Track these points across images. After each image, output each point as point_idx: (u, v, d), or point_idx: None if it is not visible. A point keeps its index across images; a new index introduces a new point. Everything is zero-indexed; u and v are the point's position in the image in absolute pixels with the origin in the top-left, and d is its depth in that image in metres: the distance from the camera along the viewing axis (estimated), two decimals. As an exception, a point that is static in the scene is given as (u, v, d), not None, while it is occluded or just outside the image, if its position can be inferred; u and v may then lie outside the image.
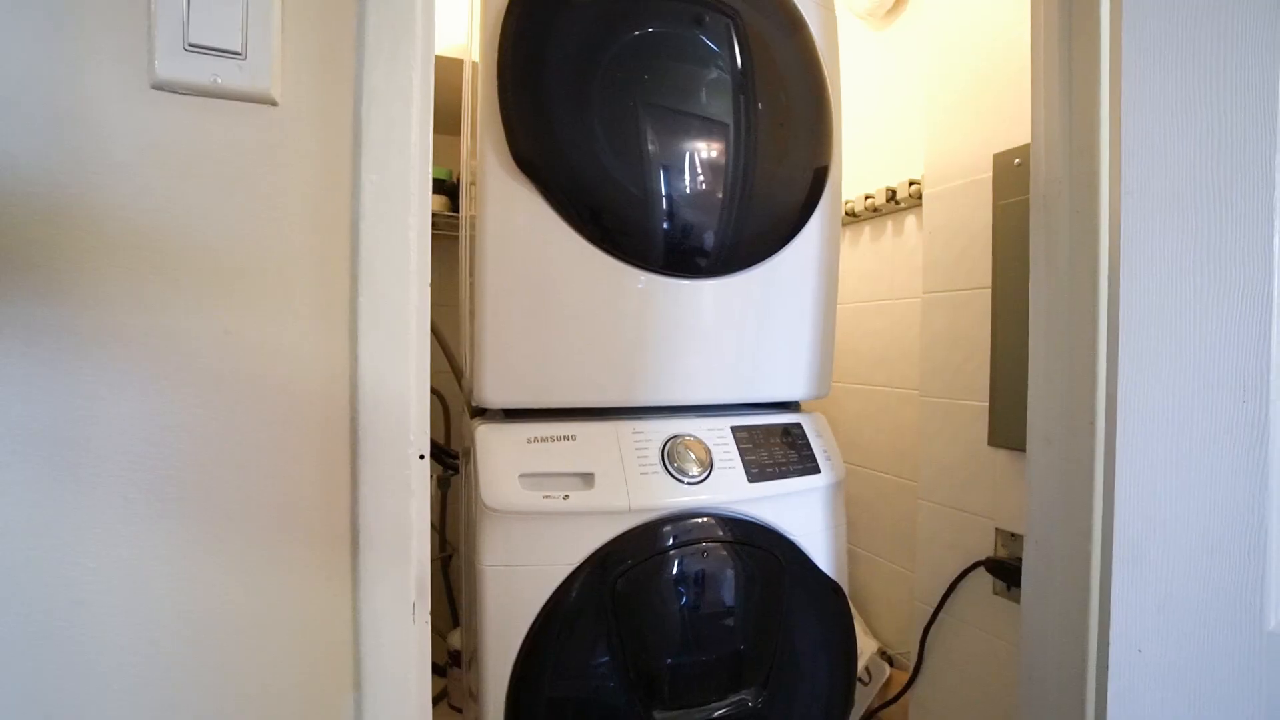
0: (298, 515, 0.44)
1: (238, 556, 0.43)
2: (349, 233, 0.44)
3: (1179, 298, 0.67)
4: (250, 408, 0.43)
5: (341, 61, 0.44)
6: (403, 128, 0.45)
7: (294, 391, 0.43)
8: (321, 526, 0.44)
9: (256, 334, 0.42)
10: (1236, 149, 0.64)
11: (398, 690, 0.45)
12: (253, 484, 0.43)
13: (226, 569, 0.42)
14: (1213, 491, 0.66)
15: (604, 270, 0.95)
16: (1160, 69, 0.67)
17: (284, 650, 0.43)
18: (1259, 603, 0.64)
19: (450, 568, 1.85)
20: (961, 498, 1.31)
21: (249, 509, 0.43)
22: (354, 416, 0.45)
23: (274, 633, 0.43)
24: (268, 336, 0.43)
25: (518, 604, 0.91)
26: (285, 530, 0.43)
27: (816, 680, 1.05)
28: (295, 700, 0.43)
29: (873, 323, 1.68)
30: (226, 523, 0.42)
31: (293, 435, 0.43)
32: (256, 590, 0.43)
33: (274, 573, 0.43)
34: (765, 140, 1.03)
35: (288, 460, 0.43)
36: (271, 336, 0.43)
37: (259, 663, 0.43)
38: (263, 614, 0.43)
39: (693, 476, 0.97)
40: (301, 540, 0.44)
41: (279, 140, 0.43)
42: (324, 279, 0.44)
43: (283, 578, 0.43)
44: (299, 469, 0.43)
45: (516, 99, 0.90)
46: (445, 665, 1.70)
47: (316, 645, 0.44)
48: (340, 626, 0.45)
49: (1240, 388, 0.65)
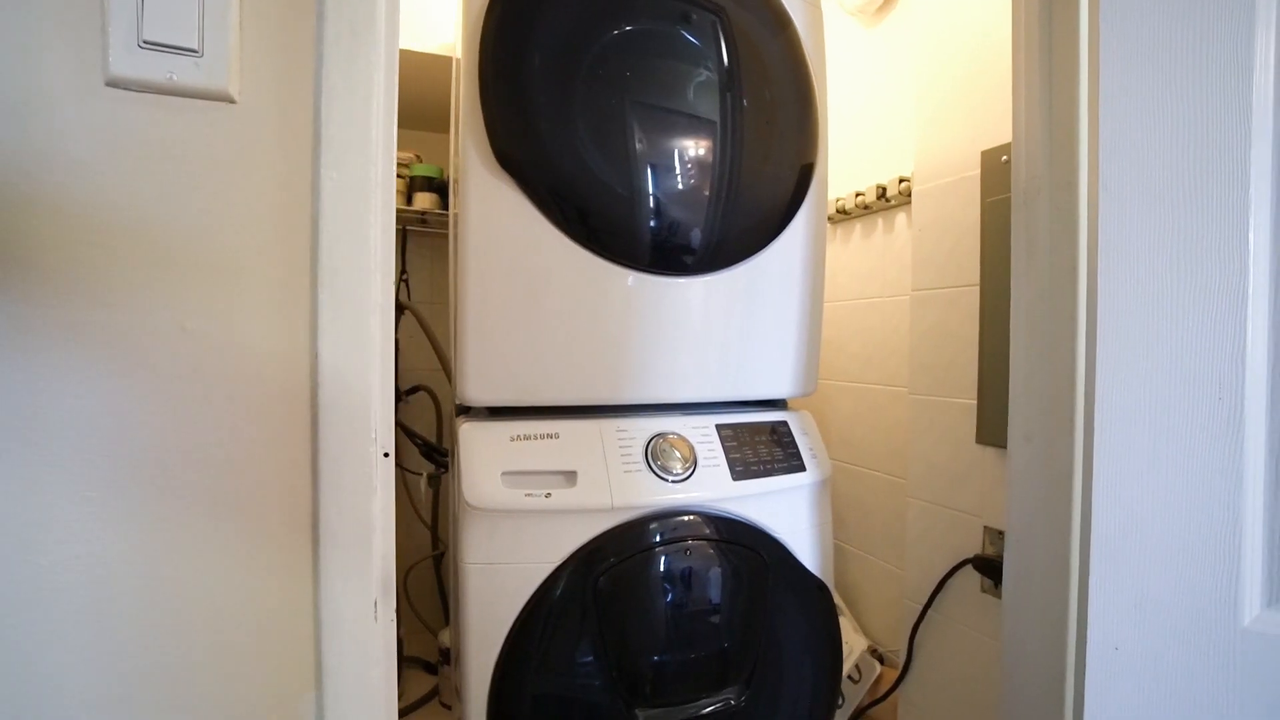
0: (258, 513, 0.43)
1: (196, 554, 0.42)
2: (309, 230, 0.44)
3: (1156, 295, 0.67)
4: (208, 406, 0.42)
5: (301, 60, 0.44)
6: (363, 125, 0.45)
7: (253, 390, 0.43)
8: (282, 524, 0.44)
9: (214, 331, 0.42)
10: (1212, 147, 0.64)
11: (359, 689, 0.45)
12: (211, 481, 0.43)
13: (185, 565, 0.42)
14: (1189, 489, 0.66)
15: (586, 267, 0.95)
16: (1138, 68, 0.67)
17: (243, 648, 0.43)
18: (1234, 599, 0.64)
19: (442, 565, 1.86)
20: (950, 496, 1.31)
21: (208, 506, 0.43)
22: (315, 415, 0.45)
23: (233, 630, 0.43)
24: (226, 333, 0.43)
25: (500, 602, 0.91)
26: (245, 528, 0.43)
27: (801, 678, 1.05)
28: (255, 698, 0.43)
29: (864, 320, 1.68)
30: (185, 520, 0.42)
31: (252, 433, 0.43)
32: (215, 587, 0.43)
33: (233, 570, 0.43)
34: (750, 137, 1.03)
35: (247, 458, 0.43)
36: (230, 333, 0.43)
37: (218, 660, 0.43)
38: (221, 611, 0.43)
39: (676, 474, 0.97)
40: (262, 537, 0.44)
41: (238, 138, 0.43)
42: (284, 276, 0.44)
43: (242, 575, 0.43)
44: (258, 467, 0.43)
45: (497, 96, 0.90)
46: (437, 663, 1.71)
47: (276, 643, 0.44)
48: (301, 624, 0.45)
49: (1216, 385, 0.64)
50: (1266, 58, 0.62)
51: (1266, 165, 0.62)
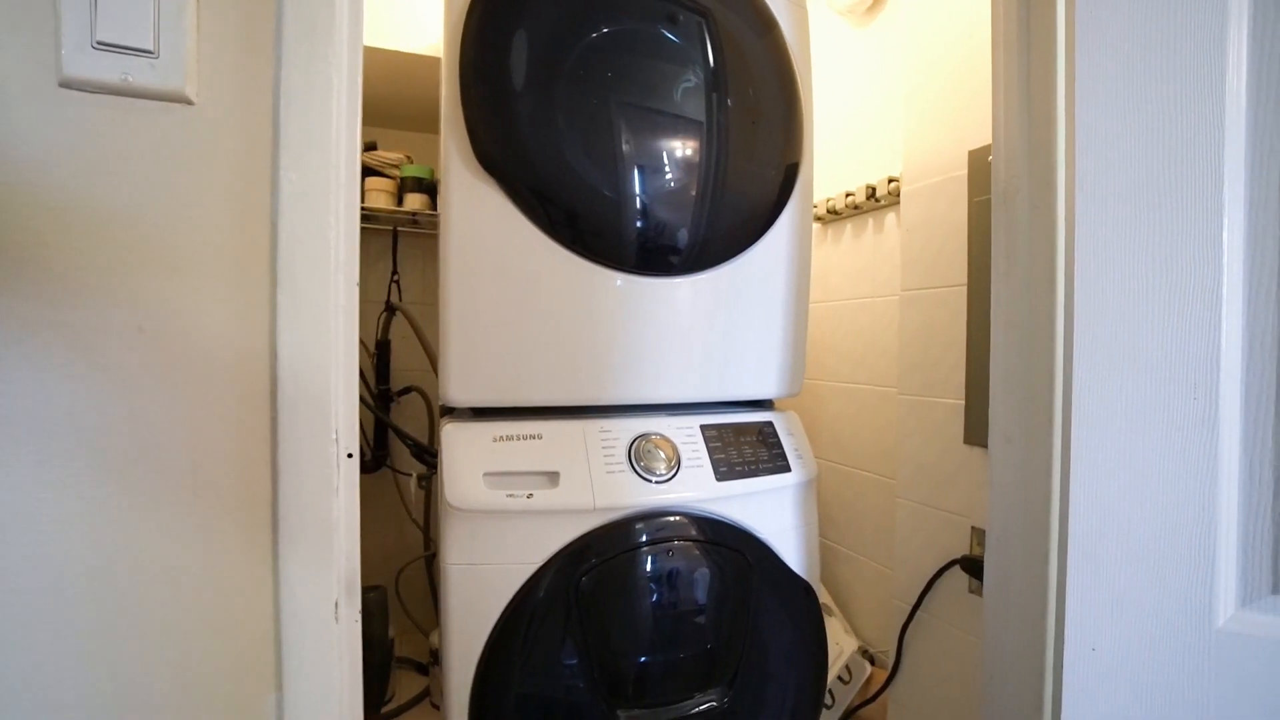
0: (218, 513, 0.43)
1: (156, 556, 0.42)
2: (268, 231, 0.44)
3: (1132, 294, 0.67)
4: (167, 410, 0.42)
5: (260, 61, 0.44)
6: (323, 126, 0.45)
7: (212, 391, 0.43)
8: (242, 524, 0.44)
9: (172, 332, 0.42)
10: (1186, 147, 0.63)
11: (321, 690, 0.45)
12: (171, 483, 0.42)
13: (145, 567, 0.42)
14: (1165, 489, 0.65)
15: (568, 268, 0.95)
16: (1112, 67, 0.67)
17: (204, 651, 0.43)
18: (1209, 599, 0.63)
19: (433, 566, 1.86)
20: (938, 496, 1.31)
21: (167, 508, 0.42)
22: (274, 416, 0.45)
23: (193, 632, 0.43)
24: (184, 335, 0.43)
25: (482, 603, 0.91)
26: (205, 529, 0.43)
27: (786, 680, 1.05)
28: (217, 699, 0.43)
29: (855, 321, 1.68)
30: (144, 522, 0.42)
31: (212, 435, 0.43)
32: (175, 589, 0.43)
33: (193, 571, 0.43)
34: (735, 137, 1.03)
35: (207, 459, 0.43)
36: (188, 335, 0.43)
37: (178, 663, 0.43)
38: (181, 613, 0.43)
39: (660, 475, 0.97)
40: (222, 538, 0.43)
41: (195, 139, 0.43)
42: (242, 278, 0.44)
43: (202, 576, 0.43)
44: (218, 468, 0.43)
45: (478, 97, 0.90)
46: (428, 664, 1.71)
47: (237, 645, 0.44)
48: (262, 626, 0.45)
49: (1191, 384, 0.64)
50: (1239, 58, 0.62)
51: (1240, 165, 0.62)
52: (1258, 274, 0.62)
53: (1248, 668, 0.62)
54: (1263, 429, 0.62)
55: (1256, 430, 0.62)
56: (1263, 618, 0.62)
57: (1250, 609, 0.63)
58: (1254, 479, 0.63)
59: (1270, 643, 0.61)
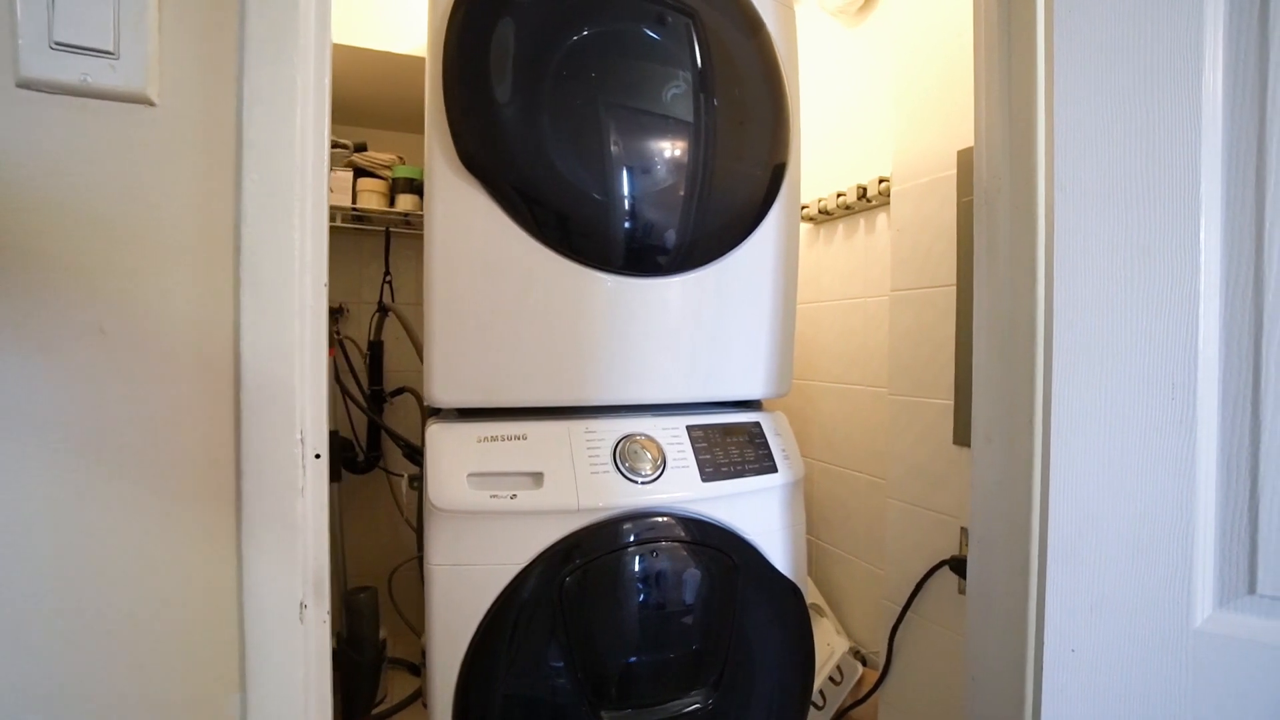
0: (183, 513, 0.43)
1: (121, 554, 0.42)
2: (232, 232, 0.44)
3: (1110, 294, 0.66)
4: (127, 410, 0.42)
5: (223, 62, 0.44)
6: (286, 128, 0.45)
7: (174, 392, 0.43)
8: (206, 525, 0.44)
9: (134, 333, 0.42)
10: (1163, 146, 0.63)
11: (285, 691, 0.45)
12: (131, 482, 0.42)
13: (109, 564, 0.42)
14: (1144, 490, 0.65)
15: (553, 268, 0.95)
16: (1091, 66, 0.67)
17: (168, 649, 0.43)
18: (1186, 600, 0.63)
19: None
20: (928, 496, 1.31)
21: (130, 507, 0.42)
22: (238, 418, 0.45)
23: (157, 632, 0.43)
24: (146, 336, 0.43)
25: (466, 604, 0.91)
26: (170, 527, 0.43)
27: (772, 681, 1.05)
28: (180, 698, 0.43)
29: (847, 321, 1.67)
30: (108, 520, 0.42)
31: (176, 436, 0.43)
32: (138, 587, 0.43)
33: (157, 571, 0.43)
34: (721, 137, 1.02)
35: (170, 461, 0.43)
36: (150, 336, 0.43)
37: (142, 661, 0.43)
38: (144, 612, 0.43)
39: (645, 476, 0.97)
40: (186, 537, 0.43)
41: (158, 140, 0.43)
42: (206, 279, 0.44)
43: (166, 576, 0.43)
44: (181, 469, 0.43)
45: (460, 98, 0.90)
46: (421, 665, 1.70)
47: (201, 643, 0.44)
48: (226, 625, 0.44)
49: (1169, 385, 0.64)
50: (1215, 58, 0.61)
51: (1216, 164, 0.62)
52: (1234, 273, 0.62)
53: (1225, 668, 0.62)
54: (1239, 430, 0.62)
55: (1233, 431, 0.62)
56: (1239, 618, 0.62)
57: (1227, 609, 0.62)
58: (1231, 480, 0.62)
59: (1246, 643, 0.61)
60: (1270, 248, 0.60)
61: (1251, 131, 0.60)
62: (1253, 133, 0.60)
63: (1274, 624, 0.60)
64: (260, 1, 0.43)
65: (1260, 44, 0.60)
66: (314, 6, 0.46)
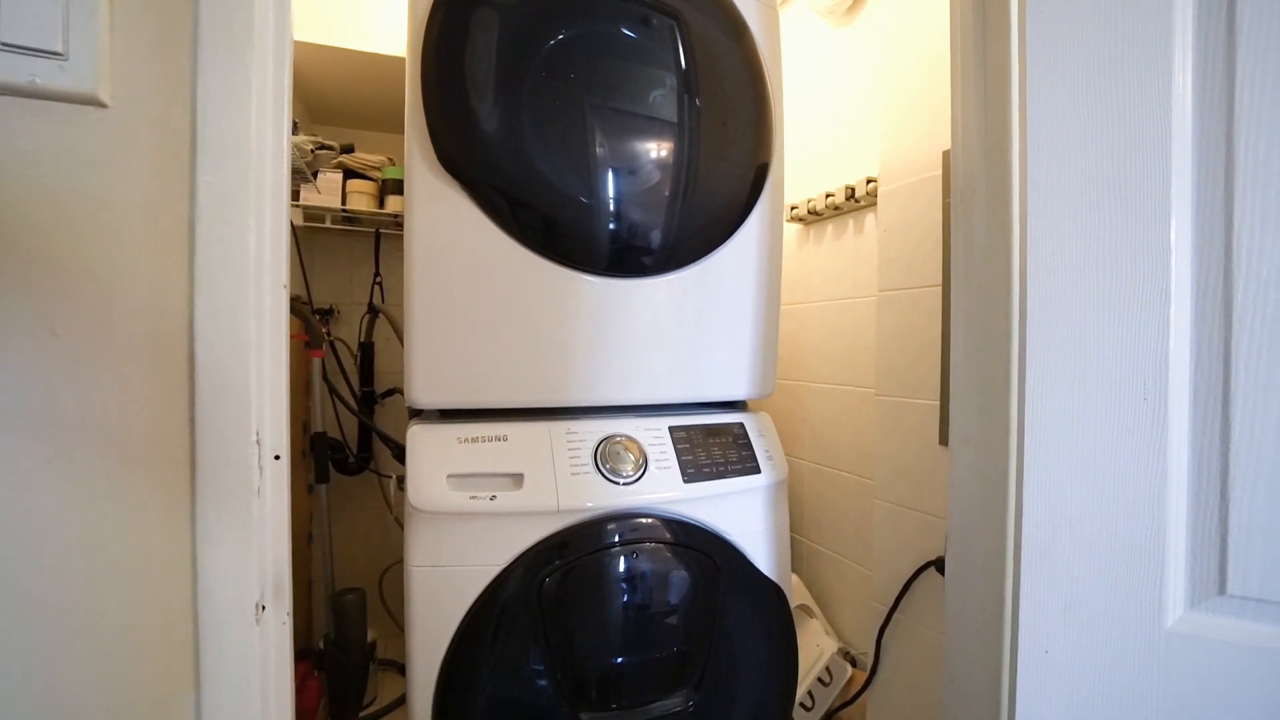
0: (138, 513, 0.43)
1: (74, 550, 0.42)
2: (187, 235, 0.44)
3: (1083, 295, 0.66)
4: (81, 411, 0.42)
5: (178, 65, 0.44)
6: (241, 129, 0.45)
7: (129, 394, 0.43)
8: (162, 525, 0.44)
9: (86, 336, 0.42)
10: (1134, 146, 0.63)
11: (241, 693, 0.45)
12: (86, 481, 0.42)
13: (61, 560, 0.42)
14: (1116, 490, 0.65)
15: (534, 270, 0.95)
16: (1063, 66, 0.67)
17: (122, 648, 0.43)
18: (1158, 601, 0.63)
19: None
20: (915, 497, 1.30)
21: (85, 504, 0.42)
22: (193, 419, 0.44)
23: (110, 631, 0.43)
24: (98, 338, 0.43)
25: (445, 605, 0.91)
26: (127, 527, 0.43)
27: (755, 682, 1.05)
28: (133, 698, 0.43)
29: (837, 322, 1.67)
30: (63, 514, 0.42)
31: (127, 437, 0.43)
32: (91, 585, 0.42)
33: (112, 569, 0.43)
34: (704, 137, 1.02)
35: (124, 461, 0.43)
36: (102, 338, 0.43)
37: (94, 660, 0.42)
38: (100, 610, 0.43)
39: (626, 477, 0.97)
40: (141, 537, 0.43)
41: (110, 142, 0.43)
42: (160, 280, 0.44)
43: (121, 574, 0.43)
44: (135, 469, 0.43)
45: (439, 99, 0.90)
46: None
47: (156, 644, 0.44)
48: (181, 625, 0.44)
49: (1141, 386, 0.64)
50: (1184, 60, 0.61)
51: (1187, 165, 0.62)
52: (1204, 274, 0.62)
53: (1196, 669, 0.62)
54: (1210, 431, 0.62)
55: (1204, 432, 0.62)
56: (1210, 618, 0.62)
57: (1199, 610, 0.62)
58: (1202, 480, 0.62)
59: (1217, 643, 0.61)
60: (1239, 249, 0.60)
61: (1220, 133, 0.60)
62: (1221, 134, 0.60)
63: (1244, 624, 0.60)
64: (214, 2, 0.43)
65: (1228, 47, 0.59)
66: (272, 7, 0.46)
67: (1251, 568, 0.60)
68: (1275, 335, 0.59)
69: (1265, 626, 0.59)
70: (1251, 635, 0.60)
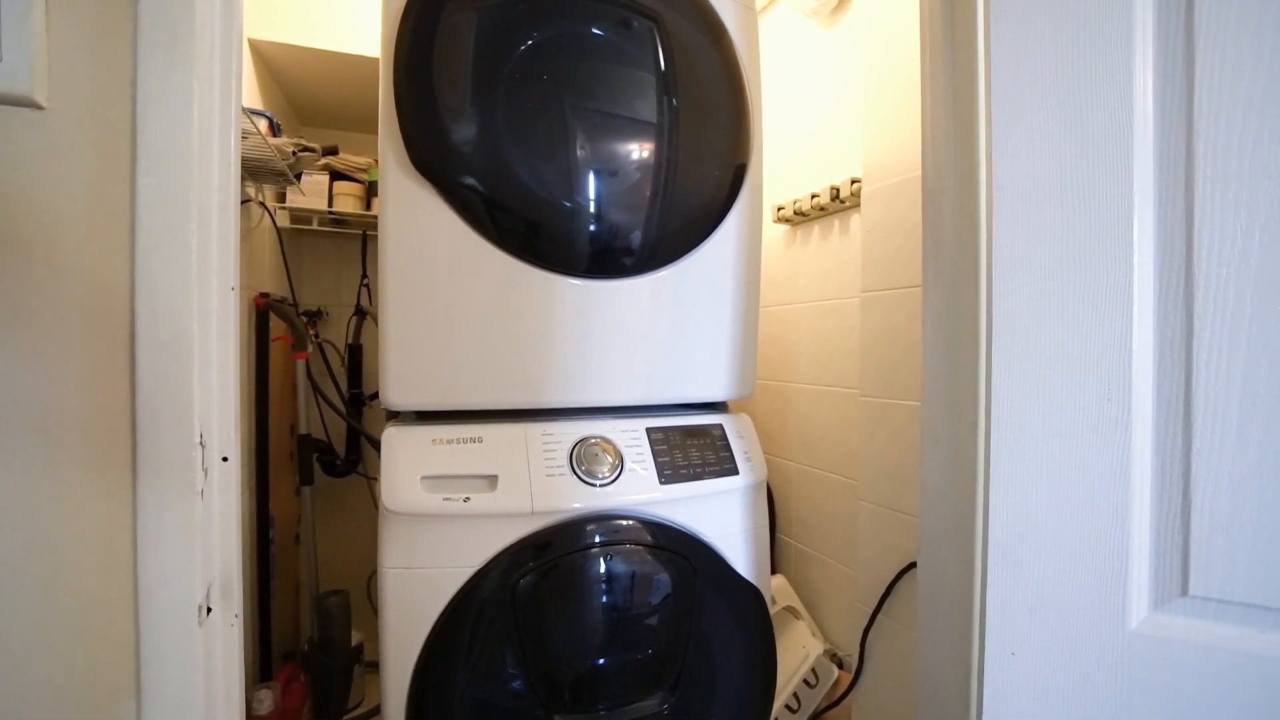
0: (78, 513, 0.43)
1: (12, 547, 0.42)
2: (128, 237, 0.44)
3: (1047, 295, 0.66)
4: (22, 414, 0.42)
5: (116, 65, 0.44)
6: (183, 132, 0.44)
7: (69, 397, 0.43)
8: (102, 526, 0.44)
9: (25, 338, 0.42)
10: (1096, 146, 0.63)
11: (184, 694, 0.45)
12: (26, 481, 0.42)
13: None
14: (1081, 492, 0.65)
15: (507, 271, 0.95)
16: (1026, 64, 0.66)
17: (62, 647, 0.43)
18: (1121, 603, 0.63)
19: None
20: (899, 499, 1.30)
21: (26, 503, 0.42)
22: (134, 423, 0.44)
23: (51, 630, 0.42)
24: (39, 341, 0.42)
25: (418, 607, 0.91)
26: (67, 527, 0.43)
27: (731, 684, 1.04)
28: (73, 699, 0.43)
29: (823, 323, 1.67)
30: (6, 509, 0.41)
31: (70, 439, 0.43)
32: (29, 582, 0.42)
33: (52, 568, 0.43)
34: (681, 136, 1.02)
35: (67, 462, 0.43)
36: (43, 341, 0.42)
37: (33, 660, 0.42)
38: (38, 610, 0.42)
39: (602, 478, 0.96)
40: (81, 539, 0.43)
41: (46, 145, 0.42)
42: (99, 286, 0.44)
43: (62, 575, 0.43)
44: (76, 471, 0.43)
45: (413, 102, 0.90)
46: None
47: (98, 645, 0.43)
48: (123, 627, 0.44)
49: (1105, 386, 0.63)
50: (1145, 59, 0.61)
51: (1149, 165, 0.62)
52: (1167, 275, 0.61)
53: (1159, 670, 0.61)
54: (1173, 431, 0.61)
55: (1167, 432, 0.62)
56: (1173, 620, 0.61)
57: (1162, 611, 0.62)
58: (1165, 481, 0.62)
59: (1180, 645, 0.61)
60: (1200, 249, 0.60)
61: (1181, 132, 0.60)
62: (1182, 134, 0.60)
63: (1205, 625, 0.60)
64: (154, 4, 0.43)
65: (1187, 48, 0.59)
66: (219, 8, 0.46)
67: (1213, 569, 0.60)
68: (1235, 334, 0.58)
69: (1225, 627, 0.59)
70: (1212, 636, 0.59)
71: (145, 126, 0.44)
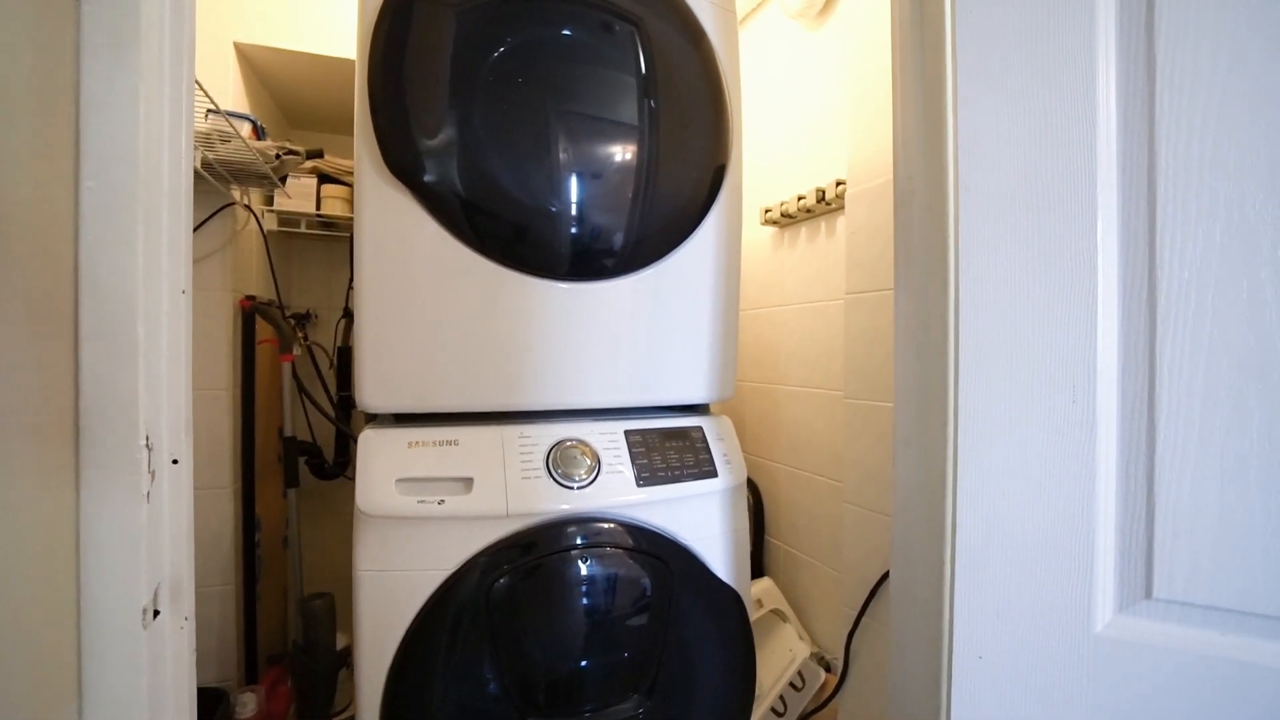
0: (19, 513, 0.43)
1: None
2: (71, 243, 0.44)
3: (1013, 297, 0.66)
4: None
5: (60, 72, 0.43)
6: (129, 134, 0.44)
7: (9, 394, 0.42)
8: (46, 525, 0.43)
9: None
10: (1060, 148, 0.63)
11: (127, 699, 0.44)
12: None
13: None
14: (1048, 494, 0.65)
15: (483, 274, 0.95)
16: (991, 65, 0.66)
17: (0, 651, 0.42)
18: (1087, 606, 0.62)
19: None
20: (883, 501, 1.30)
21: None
22: (78, 425, 0.44)
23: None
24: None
25: (392, 610, 0.90)
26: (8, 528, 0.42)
27: (709, 689, 1.04)
28: (12, 701, 0.42)
29: (810, 325, 1.67)
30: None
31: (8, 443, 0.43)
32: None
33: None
34: (661, 138, 1.02)
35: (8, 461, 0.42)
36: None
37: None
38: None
39: (579, 481, 0.96)
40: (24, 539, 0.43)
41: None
42: (42, 290, 0.43)
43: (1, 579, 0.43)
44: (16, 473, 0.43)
45: (388, 105, 0.90)
46: (384, 671, 1.69)
47: (38, 648, 0.43)
48: (66, 630, 0.44)
49: (1070, 388, 0.63)
50: (1108, 62, 0.61)
51: (1112, 166, 0.61)
52: (1130, 276, 0.61)
53: (1125, 673, 0.61)
54: (1137, 433, 0.61)
55: (1131, 434, 0.61)
56: (1138, 622, 0.61)
57: (1126, 614, 0.62)
58: (1130, 483, 0.62)
59: (1144, 648, 0.60)
60: (1162, 250, 0.59)
61: (1143, 134, 0.60)
62: (1144, 136, 0.60)
63: (1169, 628, 0.60)
64: (97, 7, 0.43)
65: (1148, 51, 0.59)
66: (168, 11, 0.46)
67: (1176, 571, 0.59)
68: (1197, 336, 0.58)
69: (1188, 630, 0.59)
70: (1175, 639, 0.59)
71: (88, 131, 0.44)
